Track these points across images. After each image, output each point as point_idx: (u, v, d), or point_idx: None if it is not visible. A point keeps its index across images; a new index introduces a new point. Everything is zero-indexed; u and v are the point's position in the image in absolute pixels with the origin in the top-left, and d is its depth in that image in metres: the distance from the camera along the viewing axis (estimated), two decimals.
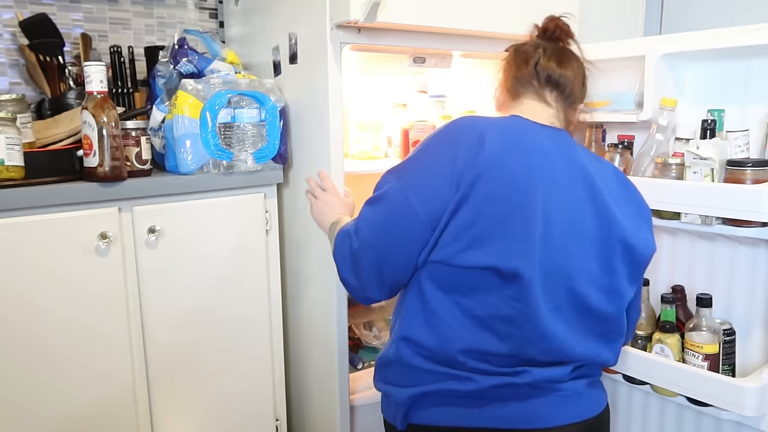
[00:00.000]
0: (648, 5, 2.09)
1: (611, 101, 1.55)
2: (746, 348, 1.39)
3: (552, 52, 1.09)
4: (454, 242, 0.92)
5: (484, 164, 0.91)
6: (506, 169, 0.92)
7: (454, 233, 0.92)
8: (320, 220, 1.32)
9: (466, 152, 0.92)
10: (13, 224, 1.18)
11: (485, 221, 0.90)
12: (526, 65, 1.08)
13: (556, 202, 0.94)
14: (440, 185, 0.93)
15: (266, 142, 1.45)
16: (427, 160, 0.97)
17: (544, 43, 1.12)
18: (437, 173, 0.94)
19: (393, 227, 0.97)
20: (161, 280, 1.37)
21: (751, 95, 1.36)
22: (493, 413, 0.96)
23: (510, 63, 1.12)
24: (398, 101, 1.71)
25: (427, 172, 0.95)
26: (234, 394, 1.52)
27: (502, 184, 0.91)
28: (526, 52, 1.10)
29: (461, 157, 0.92)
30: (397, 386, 1.03)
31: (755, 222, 1.22)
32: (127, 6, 1.72)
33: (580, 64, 1.11)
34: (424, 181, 0.95)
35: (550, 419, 0.95)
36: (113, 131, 1.23)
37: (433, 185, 0.94)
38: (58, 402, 1.27)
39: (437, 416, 0.99)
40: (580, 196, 0.96)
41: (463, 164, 0.92)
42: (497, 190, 0.91)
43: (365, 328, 1.83)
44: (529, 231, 0.91)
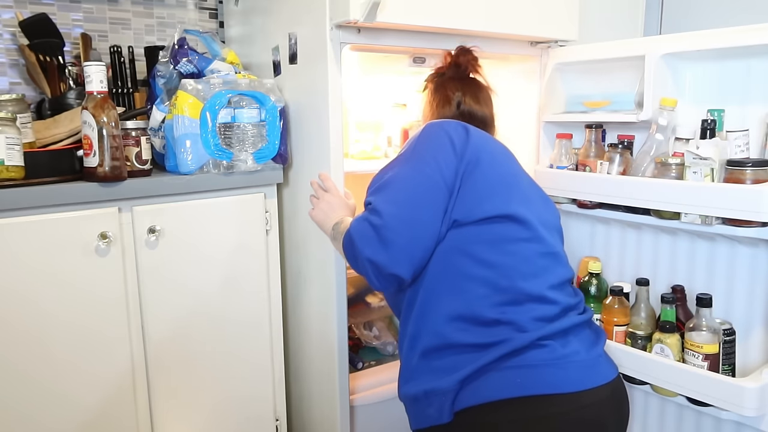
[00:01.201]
0: (648, 5, 2.10)
1: (611, 101, 1.56)
2: (746, 348, 1.39)
3: (469, 92, 1.29)
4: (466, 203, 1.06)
5: (476, 144, 1.10)
6: (490, 146, 1.14)
7: (466, 197, 1.06)
8: (322, 221, 1.31)
9: (459, 137, 1.10)
10: (13, 224, 1.18)
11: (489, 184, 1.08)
12: (449, 105, 1.27)
13: (520, 172, 1.18)
14: (446, 159, 1.08)
15: (266, 142, 1.45)
16: (426, 145, 1.11)
17: (458, 80, 1.30)
18: (440, 151, 1.08)
19: (416, 195, 1.05)
20: (161, 280, 1.37)
21: (751, 95, 1.36)
22: (533, 380, 0.99)
23: (433, 99, 1.31)
24: (398, 101, 1.71)
25: (431, 151, 1.09)
26: (234, 394, 1.52)
27: (492, 158, 1.12)
28: (447, 96, 1.28)
29: (456, 140, 1.10)
30: (442, 376, 1.03)
31: (755, 222, 1.22)
32: (127, 6, 1.72)
33: (489, 95, 1.33)
34: (431, 157, 1.08)
35: (585, 381, 1.01)
36: (113, 131, 1.23)
37: (440, 158, 1.08)
38: (57, 403, 1.27)
39: (484, 393, 1.00)
40: (525, 173, 1.20)
41: (459, 144, 1.09)
42: (490, 161, 1.11)
43: (365, 328, 1.83)
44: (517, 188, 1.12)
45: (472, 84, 1.31)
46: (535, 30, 1.54)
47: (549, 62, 1.64)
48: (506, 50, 1.59)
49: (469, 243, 1.05)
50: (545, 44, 1.64)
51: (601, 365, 1.05)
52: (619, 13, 2.01)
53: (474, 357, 1.01)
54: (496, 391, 0.99)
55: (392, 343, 1.77)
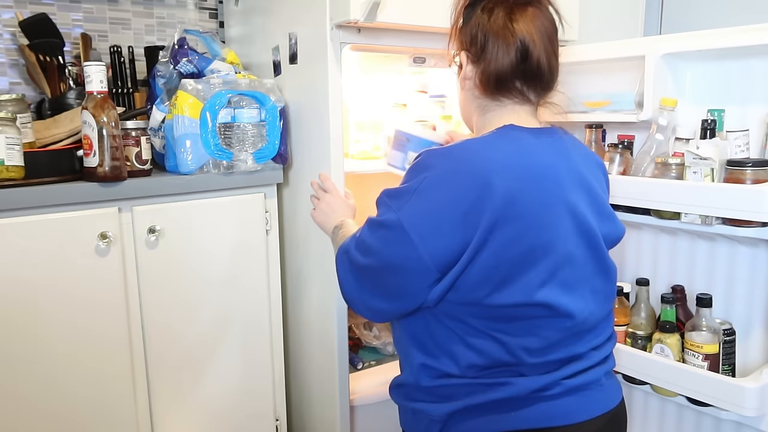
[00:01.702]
0: (648, 5, 2.09)
1: (611, 101, 1.55)
2: (746, 348, 1.39)
3: (539, 28, 0.95)
4: (481, 286, 0.87)
5: (498, 207, 0.85)
6: (520, 206, 0.86)
7: (477, 277, 0.87)
8: (323, 222, 1.31)
9: (475, 197, 0.85)
10: (13, 224, 1.18)
11: (508, 264, 0.87)
12: (507, 51, 0.93)
13: (561, 218, 0.91)
14: (446, 226, 0.86)
15: (266, 142, 1.45)
16: (428, 198, 0.88)
17: (512, 5, 0.95)
18: (442, 214, 0.86)
19: (393, 259, 0.90)
20: (161, 280, 1.37)
21: (751, 95, 1.36)
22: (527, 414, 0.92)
23: (481, 31, 0.95)
24: (398, 101, 1.71)
25: (430, 211, 0.87)
26: (234, 393, 1.52)
27: (519, 225, 0.86)
28: (505, 36, 0.93)
29: (469, 200, 0.85)
30: (430, 403, 0.97)
31: (755, 222, 1.22)
32: (127, 6, 1.72)
33: (552, 24, 0.99)
34: (426, 220, 0.87)
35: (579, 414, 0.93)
36: (113, 131, 1.23)
37: (437, 225, 0.86)
38: (57, 402, 1.27)
39: (474, 427, 0.94)
40: (579, 198, 0.94)
41: (472, 209, 0.85)
42: (515, 231, 0.86)
43: (365, 328, 1.83)
44: (551, 259, 0.89)
45: (535, 15, 0.96)
46: None
47: None
48: None
49: (473, 317, 0.91)
50: None
51: (603, 393, 0.97)
52: (619, 13, 2.01)
53: (468, 393, 0.93)
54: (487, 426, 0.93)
55: (392, 343, 1.77)
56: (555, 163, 0.93)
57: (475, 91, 1.00)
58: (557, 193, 0.91)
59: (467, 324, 0.91)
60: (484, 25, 0.95)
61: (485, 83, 0.97)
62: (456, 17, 1.02)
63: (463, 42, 0.99)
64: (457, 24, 1.01)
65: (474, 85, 0.99)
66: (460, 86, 1.04)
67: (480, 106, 1.01)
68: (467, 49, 0.98)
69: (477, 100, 1.01)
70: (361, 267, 0.95)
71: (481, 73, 0.97)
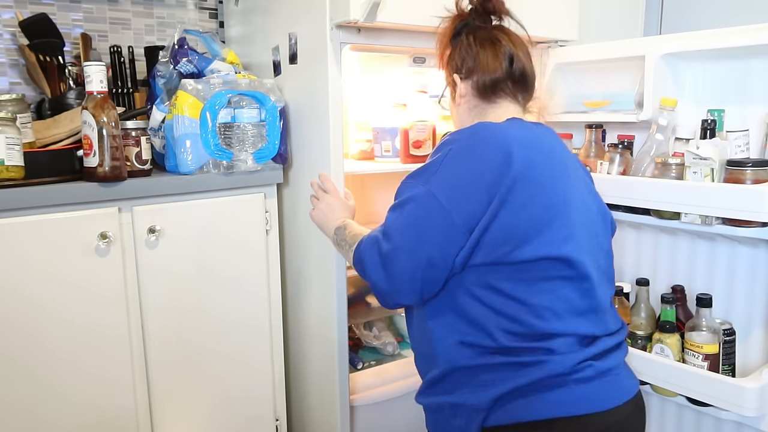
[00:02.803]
0: (648, 5, 2.10)
1: (611, 101, 1.55)
2: (746, 348, 1.39)
3: (517, 42, 1.12)
4: (503, 244, 0.95)
5: (516, 173, 0.95)
6: (536, 170, 0.98)
7: (501, 235, 0.94)
8: (322, 222, 1.32)
9: (498, 163, 0.95)
10: (13, 224, 1.18)
11: (527, 221, 0.95)
12: (496, 59, 1.09)
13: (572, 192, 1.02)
14: (473, 190, 0.95)
15: (266, 142, 1.45)
16: (455, 166, 0.98)
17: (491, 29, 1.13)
18: (468, 179, 0.96)
19: (424, 229, 0.97)
20: (161, 280, 1.37)
21: (751, 95, 1.36)
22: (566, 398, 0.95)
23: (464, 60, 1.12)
24: (398, 101, 1.71)
25: (457, 177, 0.97)
26: (234, 393, 1.52)
27: (536, 185, 0.97)
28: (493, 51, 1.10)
29: (493, 167, 0.95)
30: (474, 392, 0.98)
31: (755, 222, 1.22)
32: (127, 6, 1.72)
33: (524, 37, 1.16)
34: (454, 185, 0.96)
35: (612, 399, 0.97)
36: (113, 131, 1.23)
37: (465, 190, 0.96)
38: (57, 403, 1.27)
39: (516, 413, 0.95)
40: (580, 183, 1.06)
41: (495, 173, 0.95)
42: (532, 191, 0.96)
43: (365, 328, 1.83)
44: (565, 221, 0.98)
45: (509, 31, 1.14)
46: (535, 30, 1.53)
47: (549, 62, 1.64)
48: None
49: (499, 280, 0.96)
50: (545, 44, 1.64)
51: (626, 379, 1.02)
52: (619, 13, 2.01)
53: (509, 376, 0.96)
54: (528, 412, 0.95)
55: (392, 343, 1.77)
56: (551, 144, 1.06)
57: (472, 101, 1.13)
58: (564, 168, 1.03)
59: (493, 289, 0.96)
60: (472, 45, 1.12)
61: (482, 89, 1.11)
62: (442, 50, 1.17)
63: (455, 65, 1.14)
64: (445, 55, 1.17)
65: (471, 96, 1.12)
66: (456, 104, 1.16)
67: (478, 112, 1.13)
68: (459, 71, 1.13)
69: (475, 108, 1.13)
70: (390, 252, 0.99)
71: (476, 83, 1.11)
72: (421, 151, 1.62)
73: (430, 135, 1.63)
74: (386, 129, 1.66)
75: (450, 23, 1.16)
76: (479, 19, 1.14)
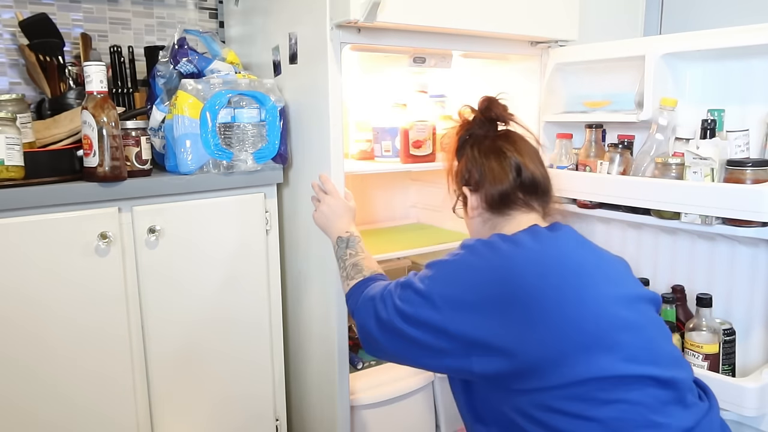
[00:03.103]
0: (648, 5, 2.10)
1: (611, 101, 1.56)
2: (746, 348, 1.39)
3: (523, 150, 1.08)
4: (533, 376, 0.88)
5: (533, 293, 0.89)
6: (554, 279, 0.91)
7: (527, 369, 0.88)
8: (324, 224, 1.32)
9: (519, 312, 0.89)
10: (13, 224, 1.18)
11: (557, 345, 0.88)
12: (502, 170, 1.05)
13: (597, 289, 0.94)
14: (480, 324, 0.90)
15: (266, 142, 1.45)
16: (457, 290, 0.93)
17: (496, 138, 1.09)
18: (474, 312, 0.90)
19: (421, 354, 0.96)
20: (161, 280, 1.37)
21: (751, 95, 1.36)
22: None
23: (471, 172, 1.09)
24: (398, 101, 1.71)
25: (460, 310, 0.91)
26: (234, 393, 1.52)
27: (560, 302, 0.90)
28: (499, 164, 1.06)
29: (513, 317, 0.88)
30: None
31: (755, 222, 1.22)
32: (127, 6, 1.72)
33: (531, 140, 1.12)
34: (457, 318, 0.91)
35: None
36: (113, 131, 1.23)
37: (470, 323, 0.90)
38: (57, 402, 1.27)
39: None
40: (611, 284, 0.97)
41: (510, 309, 0.89)
42: (558, 310, 0.89)
43: None
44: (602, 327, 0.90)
45: (516, 138, 1.10)
46: (535, 30, 1.54)
47: (549, 62, 1.64)
48: (506, 50, 1.59)
49: (553, 401, 0.87)
50: (545, 44, 1.64)
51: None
52: (619, 14, 2.01)
53: None
54: None
55: None
56: (587, 258, 0.99)
57: (485, 214, 1.09)
58: (590, 284, 0.94)
59: (554, 411, 0.88)
60: (477, 158, 1.09)
61: (491, 203, 1.07)
62: (450, 163, 1.16)
63: (462, 178, 1.12)
64: (452, 168, 1.15)
65: (482, 209, 1.09)
66: (469, 216, 1.13)
67: (492, 225, 1.09)
68: (467, 184, 1.10)
69: (488, 222, 1.09)
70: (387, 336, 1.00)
71: (485, 196, 1.07)
72: (421, 151, 1.62)
73: (430, 135, 1.63)
74: (386, 129, 1.66)
75: (454, 135, 1.15)
76: (483, 127, 1.12)
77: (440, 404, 1.67)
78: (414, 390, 1.62)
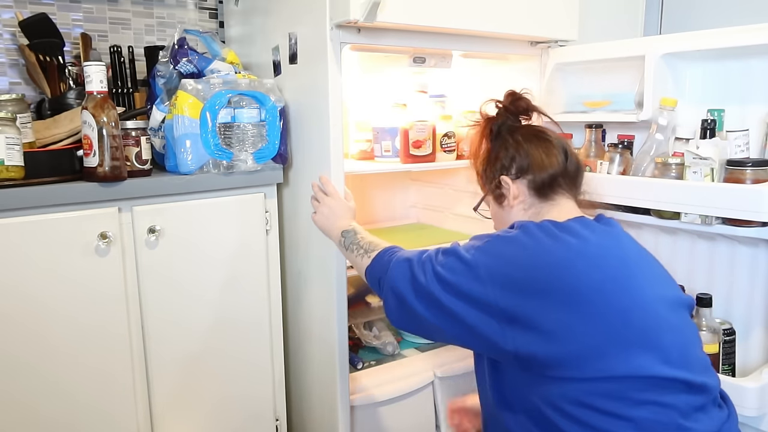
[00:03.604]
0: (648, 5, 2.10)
1: (611, 101, 1.56)
2: (746, 348, 1.39)
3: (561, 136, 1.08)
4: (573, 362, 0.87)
5: (585, 281, 0.88)
6: (602, 271, 0.91)
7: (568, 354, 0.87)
8: (325, 225, 1.31)
9: (565, 298, 0.88)
10: (13, 224, 1.18)
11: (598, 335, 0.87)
12: (551, 155, 1.04)
13: (647, 294, 0.93)
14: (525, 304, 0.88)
15: (266, 142, 1.45)
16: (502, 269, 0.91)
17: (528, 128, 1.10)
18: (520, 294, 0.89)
19: (461, 326, 0.92)
20: (161, 280, 1.37)
21: (751, 95, 1.36)
22: None
23: (519, 148, 1.06)
24: (398, 101, 1.71)
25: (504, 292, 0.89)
26: (234, 393, 1.52)
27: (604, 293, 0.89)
28: (541, 138, 1.06)
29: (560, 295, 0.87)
30: None
31: (755, 222, 1.22)
32: (127, 6, 1.72)
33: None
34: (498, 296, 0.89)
35: None
36: (113, 131, 1.23)
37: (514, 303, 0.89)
38: (57, 402, 1.27)
39: None
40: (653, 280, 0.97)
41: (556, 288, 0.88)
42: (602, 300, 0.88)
43: (365, 328, 1.83)
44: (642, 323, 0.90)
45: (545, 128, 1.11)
46: (535, 30, 1.54)
47: (549, 62, 1.64)
48: (506, 50, 1.59)
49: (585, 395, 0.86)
50: (545, 44, 1.64)
51: None
52: (619, 14, 2.01)
53: None
54: None
55: (392, 343, 1.77)
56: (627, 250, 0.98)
57: (528, 200, 1.06)
58: (637, 270, 0.94)
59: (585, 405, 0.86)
60: (521, 143, 1.06)
61: (539, 188, 1.05)
62: (482, 153, 1.12)
63: (501, 166, 1.08)
64: (486, 159, 1.11)
65: (526, 196, 1.06)
66: (509, 206, 1.08)
67: (535, 212, 1.06)
68: (507, 172, 1.07)
69: (530, 209, 1.06)
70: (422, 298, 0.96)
71: (532, 182, 1.05)
72: (421, 151, 1.62)
73: (430, 135, 1.63)
74: (386, 129, 1.66)
75: (482, 126, 1.13)
76: (510, 118, 1.11)
77: (440, 404, 1.67)
78: (414, 390, 1.62)
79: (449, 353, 1.74)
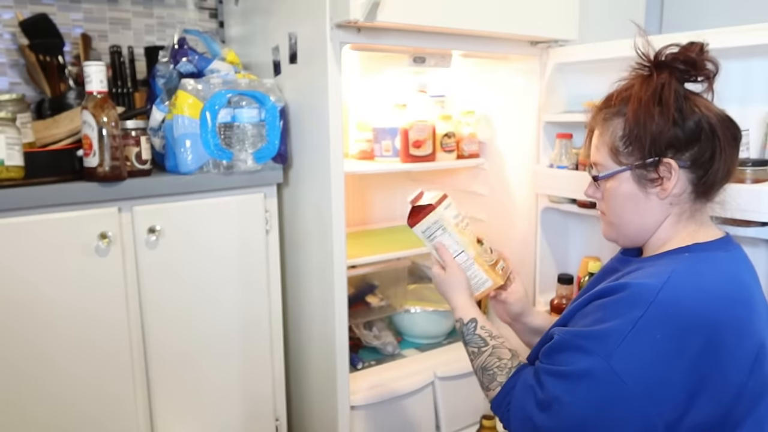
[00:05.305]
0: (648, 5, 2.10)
1: None
2: None
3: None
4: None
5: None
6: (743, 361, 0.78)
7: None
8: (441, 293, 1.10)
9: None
10: (13, 224, 1.18)
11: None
12: (737, 148, 0.80)
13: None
14: (676, 375, 0.74)
15: (266, 142, 1.45)
16: (651, 338, 0.74)
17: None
18: (671, 361, 0.74)
19: (601, 422, 0.76)
20: (161, 280, 1.37)
21: (751, 95, 1.36)
22: None
23: (710, 137, 0.79)
24: (398, 101, 1.71)
25: (655, 356, 0.74)
26: (234, 393, 1.52)
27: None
28: (731, 125, 0.80)
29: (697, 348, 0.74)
30: None
31: (755, 222, 1.22)
32: (127, 6, 1.72)
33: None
34: (651, 368, 0.74)
35: None
36: (113, 131, 1.23)
37: (666, 374, 0.74)
38: (57, 401, 1.27)
39: None
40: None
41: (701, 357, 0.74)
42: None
43: (365, 328, 1.83)
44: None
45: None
46: (535, 30, 1.54)
47: (549, 62, 1.64)
48: (506, 50, 1.59)
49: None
50: (545, 44, 1.64)
51: None
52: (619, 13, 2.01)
53: None
54: None
55: (392, 343, 1.77)
56: (750, 285, 0.84)
57: (685, 204, 0.84)
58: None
59: None
60: (710, 117, 0.79)
61: (705, 191, 0.83)
62: (646, 115, 0.82)
63: (673, 143, 0.80)
64: (649, 121, 0.81)
65: (686, 196, 0.83)
66: (658, 197, 0.84)
67: (676, 217, 0.85)
68: (677, 155, 0.80)
69: (681, 219, 0.85)
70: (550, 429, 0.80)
71: (703, 180, 0.81)
72: (421, 151, 1.62)
73: (430, 135, 1.63)
74: (386, 129, 1.66)
75: (664, 81, 0.84)
76: (679, 77, 0.85)
77: (440, 404, 1.67)
78: (414, 390, 1.62)
79: (449, 353, 1.74)
